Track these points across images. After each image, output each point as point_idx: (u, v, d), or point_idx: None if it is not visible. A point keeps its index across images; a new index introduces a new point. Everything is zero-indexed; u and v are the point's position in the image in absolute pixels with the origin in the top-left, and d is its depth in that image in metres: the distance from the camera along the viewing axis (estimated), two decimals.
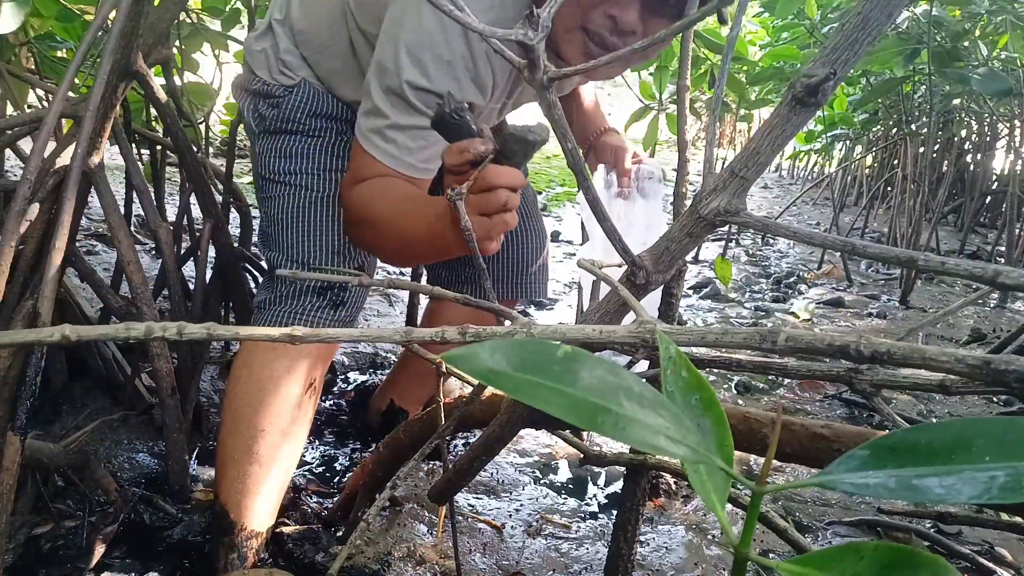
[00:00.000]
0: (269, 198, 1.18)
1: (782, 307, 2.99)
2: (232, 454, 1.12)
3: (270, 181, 1.17)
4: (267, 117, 1.19)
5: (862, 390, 0.64)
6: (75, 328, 0.40)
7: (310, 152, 1.17)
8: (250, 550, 1.12)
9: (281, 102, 1.17)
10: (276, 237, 1.16)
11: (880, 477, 0.29)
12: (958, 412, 1.98)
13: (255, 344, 1.13)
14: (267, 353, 1.11)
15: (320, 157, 1.17)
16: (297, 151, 1.16)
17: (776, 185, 8.29)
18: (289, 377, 1.11)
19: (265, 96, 1.19)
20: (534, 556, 1.23)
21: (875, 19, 0.50)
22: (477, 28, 0.46)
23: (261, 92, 1.19)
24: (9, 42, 1.58)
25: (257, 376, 1.11)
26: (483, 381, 0.32)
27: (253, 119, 1.21)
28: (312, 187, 1.15)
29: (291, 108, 1.17)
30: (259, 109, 1.20)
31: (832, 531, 1.37)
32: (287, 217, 1.15)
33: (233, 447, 1.12)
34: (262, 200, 1.20)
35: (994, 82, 2.25)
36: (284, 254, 1.15)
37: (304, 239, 1.14)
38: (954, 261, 0.46)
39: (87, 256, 2.29)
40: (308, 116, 1.17)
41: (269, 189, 1.18)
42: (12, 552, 1.08)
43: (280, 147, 1.17)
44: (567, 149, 0.57)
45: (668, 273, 0.66)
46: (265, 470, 1.11)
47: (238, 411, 1.12)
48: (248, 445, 1.10)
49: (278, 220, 1.15)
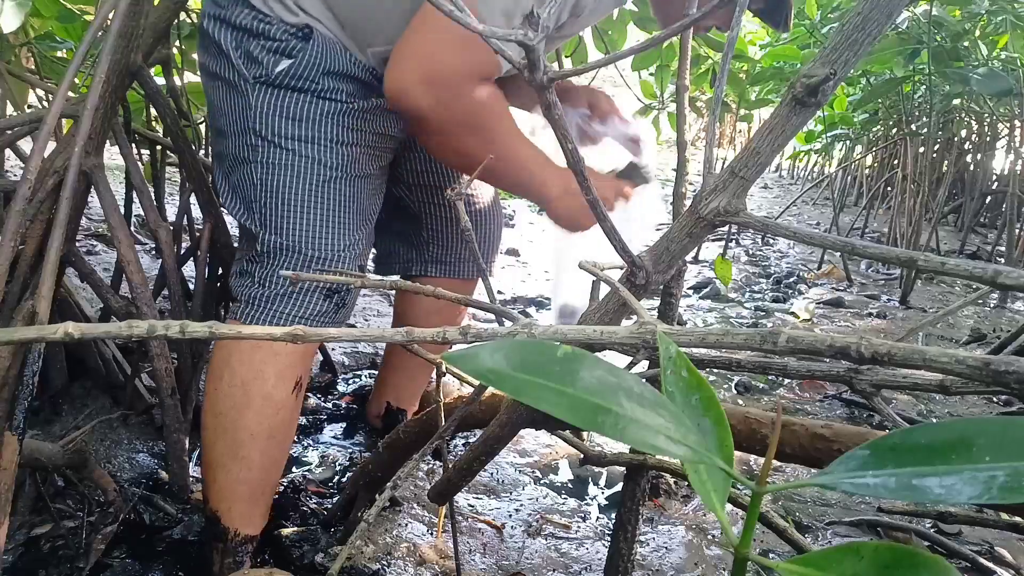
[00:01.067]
0: (269, 164, 1.03)
1: (782, 307, 3.00)
2: (219, 459, 1.07)
3: (272, 144, 1.03)
4: (265, 64, 1.02)
5: (862, 390, 0.64)
6: (78, 326, 0.40)
7: (323, 118, 1.04)
8: (246, 554, 1.10)
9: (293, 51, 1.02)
10: (274, 213, 1.04)
11: (880, 477, 0.30)
12: (958, 412, 1.98)
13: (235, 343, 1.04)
14: (251, 352, 1.04)
15: (333, 127, 1.04)
16: (310, 115, 1.03)
17: (776, 185, 8.29)
18: (275, 377, 1.05)
19: (260, 36, 1.02)
20: (534, 556, 1.23)
21: (875, 19, 0.50)
22: (477, 29, 0.46)
23: (253, 30, 1.02)
24: (9, 42, 1.58)
25: (241, 377, 1.05)
26: (483, 381, 0.32)
27: (240, 59, 1.03)
28: (326, 162, 1.04)
29: (308, 64, 1.02)
30: (250, 50, 1.03)
31: (832, 531, 1.37)
32: (294, 194, 1.03)
33: (220, 452, 1.07)
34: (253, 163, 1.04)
35: (994, 82, 2.25)
36: (285, 236, 1.04)
37: (315, 225, 1.04)
38: (954, 261, 0.46)
39: (87, 256, 2.29)
40: (323, 74, 1.03)
41: (270, 153, 1.03)
42: (12, 552, 1.08)
43: (288, 106, 1.03)
44: (567, 149, 0.57)
45: (668, 273, 0.66)
46: (255, 474, 1.07)
47: (222, 414, 1.06)
48: (234, 450, 1.06)
49: (279, 194, 1.03)
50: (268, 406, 1.05)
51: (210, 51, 1.07)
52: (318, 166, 1.04)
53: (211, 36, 1.06)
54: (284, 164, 1.03)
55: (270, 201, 1.04)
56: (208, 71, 1.10)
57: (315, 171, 1.04)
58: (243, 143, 1.05)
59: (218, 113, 1.09)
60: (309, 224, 1.04)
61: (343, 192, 1.06)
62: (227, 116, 1.07)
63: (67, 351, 1.45)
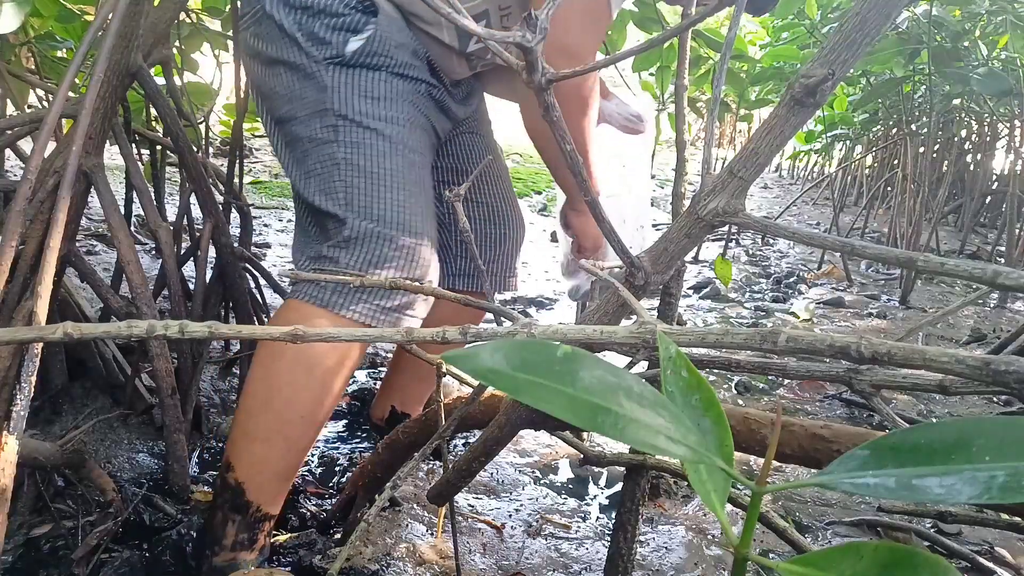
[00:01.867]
0: (353, 144, 1.00)
1: (782, 307, 3.00)
2: (262, 432, 1.03)
3: (354, 123, 1.00)
4: (334, 43, 1.01)
5: (861, 390, 0.64)
6: (77, 325, 0.40)
7: (399, 98, 1.02)
8: (261, 532, 1.07)
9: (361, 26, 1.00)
10: (363, 194, 0.99)
11: (880, 477, 0.30)
12: (958, 412, 1.98)
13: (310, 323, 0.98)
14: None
15: (407, 106, 1.02)
16: (387, 93, 1.01)
17: (776, 185, 8.29)
18: (337, 365, 1.01)
19: (322, 13, 1.01)
20: (534, 556, 1.23)
21: (873, 20, 0.50)
22: (476, 30, 0.46)
23: (314, 6, 1.00)
24: (9, 42, 1.58)
25: (308, 359, 1.00)
26: (483, 381, 0.32)
27: (307, 40, 1.01)
28: (406, 143, 1.02)
29: (381, 39, 1.01)
30: (314, 30, 1.01)
31: (832, 531, 1.37)
32: (382, 174, 0.99)
33: (265, 425, 1.03)
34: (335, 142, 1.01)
35: (994, 82, 2.25)
36: (375, 220, 0.99)
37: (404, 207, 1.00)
38: (954, 262, 0.46)
39: (87, 256, 2.29)
40: (395, 48, 1.02)
41: (353, 133, 1.00)
42: (11, 553, 1.08)
43: (366, 85, 1.01)
44: (566, 152, 0.57)
45: (667, 274, 0.66)
46: (292, 455, 1.05)
47: (278, 389, 1.01)
48: (281, 427, 1.02)
49: (367, 173, 0.99)
50: (326, 393, 1.03)
51: (270, 36, 1.04)
52: (399, 147, 1.01)
53: (273, 19, 1.02)
54: (369, 144, 1.00)
55: (357, 180, 1.00)
56: (266, 58, 1.06)
57: (398, 151, 1.01)
58: (321, 125, 1.02)
59: (282, 100, 1.06)
60: (398, 205, 1.00)
61: (424, 179, 1.04)
62: (296, 100, 1.04)
63: (67, 351, 1.45)
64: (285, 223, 3.55)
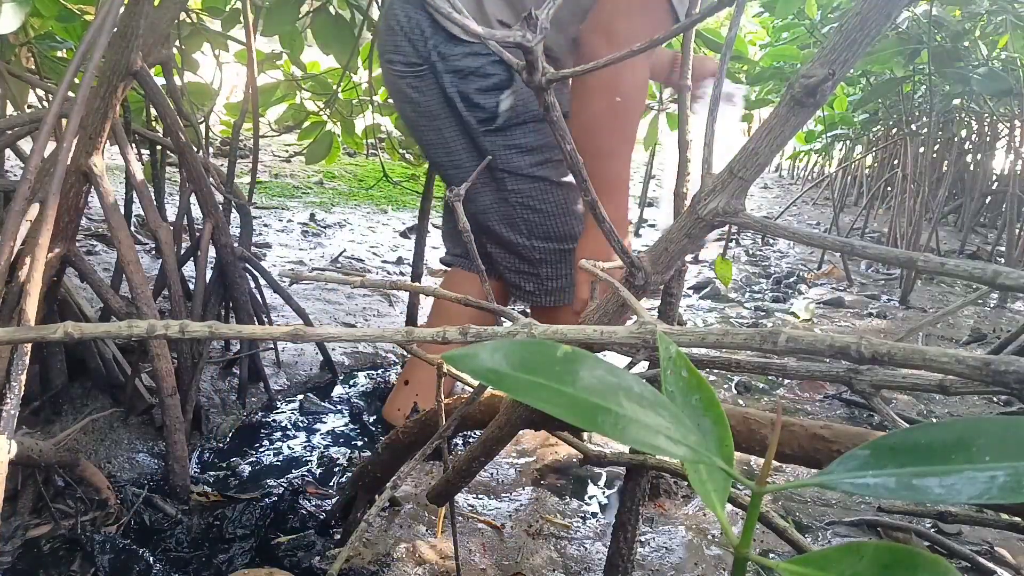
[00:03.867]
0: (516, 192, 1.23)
1: (782, 307, 3.00)
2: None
3: (519, 176, 1.22)
4: (486, 107, 1.13)
5: (861, 390, 0.64)
6: (77, 325, 0.40)
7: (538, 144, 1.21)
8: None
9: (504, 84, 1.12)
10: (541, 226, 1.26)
11: (880, 477, 0.30)
12: (958, 412, 1.98)
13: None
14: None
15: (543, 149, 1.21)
16: (533, 145, 1.20)
17: (776, 185, 8.29)
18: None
19: (473, 75, 1.09)
20: (534, 556, 1.23)
21: (873, 19, 0.50)
22: (476, 30, 0.46)
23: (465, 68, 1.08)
24: (9, 42, 1.58)
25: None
26: (483, 381, 0.32)
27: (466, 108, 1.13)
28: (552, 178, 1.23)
29: (525, 92, 1.14)
30: (468, 93, 1.10)
31: (832, 531, 1.37)
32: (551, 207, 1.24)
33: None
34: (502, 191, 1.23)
35: (994, 82, 2.25)
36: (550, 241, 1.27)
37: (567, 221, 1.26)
38: (954, 262, 0.46)
39: (87, 256, 2.29)
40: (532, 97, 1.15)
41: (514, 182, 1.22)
42: (11, 553, 1.08)
43: (519, 142, 1.20)
44: (566, 151, 0.57)
45: (667, 274, 0.66)
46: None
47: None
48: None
49: (543, 211, 1.24)
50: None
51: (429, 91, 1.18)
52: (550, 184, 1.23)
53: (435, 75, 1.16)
54: (533, 191, 1.23)
55: (530, 217, 1.26)
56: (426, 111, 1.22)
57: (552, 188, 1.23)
58: (485, 178, 1.24)
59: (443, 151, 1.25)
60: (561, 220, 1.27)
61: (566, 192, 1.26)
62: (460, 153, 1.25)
63: (67, 351, 1.45)
64: (285, 223, 3.55)
